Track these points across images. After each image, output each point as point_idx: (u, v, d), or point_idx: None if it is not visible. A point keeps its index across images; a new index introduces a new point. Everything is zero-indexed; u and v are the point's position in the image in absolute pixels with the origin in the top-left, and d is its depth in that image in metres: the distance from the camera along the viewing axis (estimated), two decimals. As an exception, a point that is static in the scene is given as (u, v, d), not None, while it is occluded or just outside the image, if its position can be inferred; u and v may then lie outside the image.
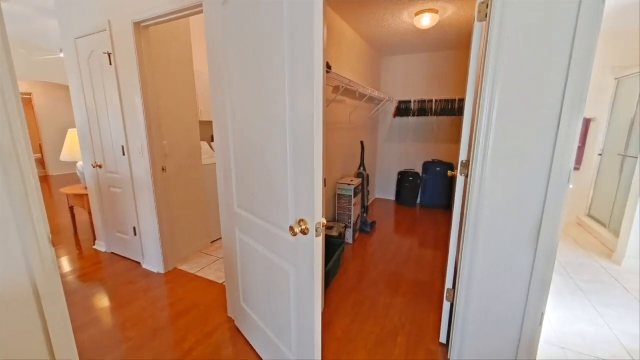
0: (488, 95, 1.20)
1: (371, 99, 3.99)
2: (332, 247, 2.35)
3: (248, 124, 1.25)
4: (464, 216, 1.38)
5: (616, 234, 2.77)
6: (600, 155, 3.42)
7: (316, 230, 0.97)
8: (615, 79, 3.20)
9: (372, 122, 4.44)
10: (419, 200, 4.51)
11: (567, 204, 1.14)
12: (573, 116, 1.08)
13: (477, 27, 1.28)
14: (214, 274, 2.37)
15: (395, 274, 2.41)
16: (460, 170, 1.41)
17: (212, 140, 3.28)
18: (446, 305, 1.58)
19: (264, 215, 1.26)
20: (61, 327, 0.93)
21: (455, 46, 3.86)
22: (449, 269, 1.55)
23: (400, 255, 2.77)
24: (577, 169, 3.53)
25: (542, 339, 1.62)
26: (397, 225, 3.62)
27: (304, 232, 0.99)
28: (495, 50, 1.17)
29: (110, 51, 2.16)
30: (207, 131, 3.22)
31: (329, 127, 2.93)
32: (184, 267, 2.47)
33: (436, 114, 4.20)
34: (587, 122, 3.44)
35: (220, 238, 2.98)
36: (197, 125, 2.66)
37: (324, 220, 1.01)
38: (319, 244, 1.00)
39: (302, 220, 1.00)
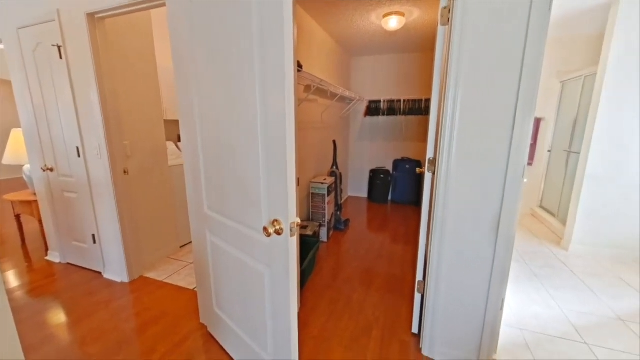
0: (451, 96, 1.27)
1: (342, 99, 4.05)
2: (307, 246, 2.36)
3: (217, 123, 1.21)
4: (432, 211, 1.45)
5: (564, 222, 3.07)
6: (549, 151, 3.75)
7: (290, 230, 0.97)
8: (560, 82, 3.53)
9: (344, 121, 4.50)
10: (390, 197, 4.66)
11: (522, 197, 1.24)
12: (526, 116, 1.18)
13: (441, 30, 1.34)
14: (184, 279, 2.27)
15: (369, 269, 2.47)
16: (428, 167, 1.48)
17: (179, 140, 3.14)
18: (417, 297, 1.64)
19: (236, 216, 1.23)
20: (7, 347, 0.84)
21: (421, 48, 4.02)
22: (419, 262, 1.62)
23: (373, 251, 2.84)
24: (530, 164, 3.85)
25: (502, 322, 1.75)
26: (370, 222, 3.71)
27: (278, 233, 0.98)
28: (457, 54, 1.23)
29: (60, 43, 1.98)
30: (173, 130, 3.07)
31: (301, 127, 2.92)
32: (150, 275, 2.34)
33: (404, 113, 4.35)
34: (537, 122, 3.76)
35: (190, 242, 2.85)
36: (161, 124, 2.52)
37: (298, 220, 1.01)
38: (293, 243, 0.99)
39: (276, 221, 0.99)
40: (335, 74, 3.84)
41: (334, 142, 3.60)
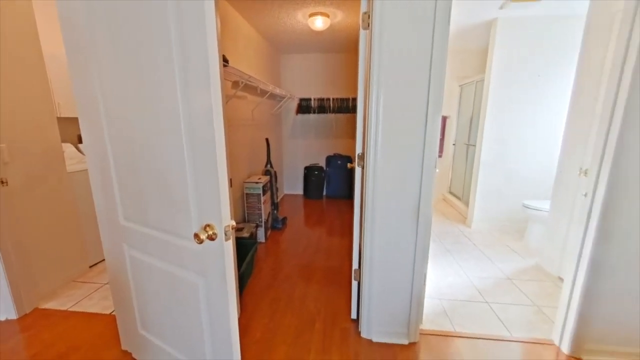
0: (375, 96, 1.37)
1: (273, 96, 3.99)
2: (244, 248, 2.27)
3: (130, 121, 1.06)
4: (363, 203, 1.55)
5: (467, 204, 3.64)
6: (454, 144, 4.40)
7: (225, 234, 0.92)
8: (459, 85, 4.16)
9: (276, 119, 4.46)
10: (324, 192, 4.82)
11: (435, 185, 1.43)
12: (435, 114, 1.35)
13: (362, 34, 1.44)
14: (97, 304, 1.95)
15: (308, 265, 2.52)
16: (357, 162, 1.58)
17: (80, 141, 2.65)
18: (354, 284, 1.75)
19: (161, 225, 1.10)
20: None
21: (346, 49, 4.23)
22: (354, 252, 1.72)
23: (312, 246, 2.91)
24: (440, 156, 4.45)
25: (425, 295, 1.99)
26: (307, 218, 3.77)
27: (211, 238, 0.92)
28: (378, 58, 1.34)
29: None
30: (71, 130, 2.57)
31: (231, 124, 2.78)
32: (50, 305, 1.94)
33: (334, 111, 4.54)
34: (444, 119, 4.36)
35: (103, 260, 2.45)
36: (54, 122, 2.09)
37: (233, 223, 0.96)
38: (229, 248, 0.95)
39: (209, 225, 0.92)
40: (264, 70, 3.76)
41: (267, 140, 3.53)
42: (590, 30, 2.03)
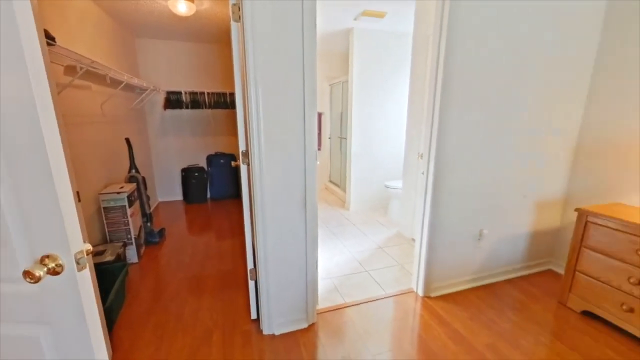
0: (253, 93, 1.36)
1: (130, 87, 3.33)
2: (110, 275, 1.85)
3: None
4: (252, 200, 1.53)
5: (345, 190, 4.14)
6: (329, 138, 4.89)
7: (77, 263, 0.72)
8: (329, 85, 4.63)
9: (138, 115, 3.76)
10: (209, 195, 4.45)
11: (318, 176, 1.56)
12: (311, 112, 1.46)
13: (234, 26, 1.38)
14: None
15: (197, 275, 2.29)
16: (242, 159, 1.53)
17: None
18: (251, 284, 1.71)
19: (-43, 270, 0.75)
20: None
21: (219, 39, 3.96)
22: (248, 251, 1.68)
23: (199, 254, 2.65)
24: (319, 149, 4.86)
25: (318, 277, 2.17)
26: (190, 225, 3.41)
27: (54, 272, 0.70)
28: (253, 56, 1.32)
29: None
30: None
31: (69, 121, 2.15)
32: None
33: (211, 106, 4.20)
34: (319, 115, 4.77)
35: None
36: None
37: (88, 246, 0.76)
38: (86, 279, 0.75)
39: (49, 257, 0.70)
40: (114, 56, 3.08)
41: (127, 140, 2.94)
42: (416, 48, 2.65)
